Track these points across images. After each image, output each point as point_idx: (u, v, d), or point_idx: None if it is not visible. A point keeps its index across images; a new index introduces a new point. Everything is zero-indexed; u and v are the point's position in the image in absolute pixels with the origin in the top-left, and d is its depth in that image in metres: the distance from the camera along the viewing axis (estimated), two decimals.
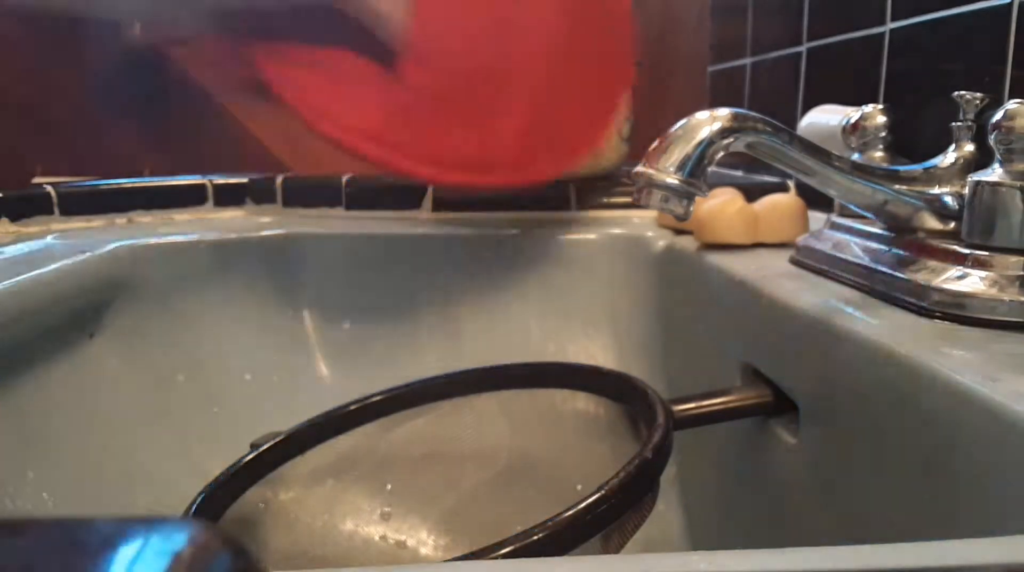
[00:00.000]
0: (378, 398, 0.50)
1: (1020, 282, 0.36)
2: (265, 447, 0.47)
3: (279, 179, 0.76)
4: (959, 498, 0.29)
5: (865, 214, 0.45)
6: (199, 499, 0.42)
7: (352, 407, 0.50)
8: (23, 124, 1.17)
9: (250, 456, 0.46)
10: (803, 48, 0.71)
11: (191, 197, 0.74)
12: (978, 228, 0.38)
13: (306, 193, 0.76)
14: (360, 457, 0.49)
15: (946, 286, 0.37)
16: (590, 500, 0.31)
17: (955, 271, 0.38)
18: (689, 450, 0.59)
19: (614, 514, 0.32)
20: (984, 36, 0.47)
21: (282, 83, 0.56)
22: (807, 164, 0.39)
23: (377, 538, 0.48)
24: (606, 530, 0.32)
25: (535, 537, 0.29)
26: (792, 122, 0.68)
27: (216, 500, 0.43)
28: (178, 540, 0.11)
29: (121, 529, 0.11)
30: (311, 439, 0.48)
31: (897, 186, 0.42)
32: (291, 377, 0.66)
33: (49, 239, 0.62)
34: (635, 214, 0.72)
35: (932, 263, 0.40)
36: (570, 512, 0.31)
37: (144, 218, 0.71)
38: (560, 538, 0.30)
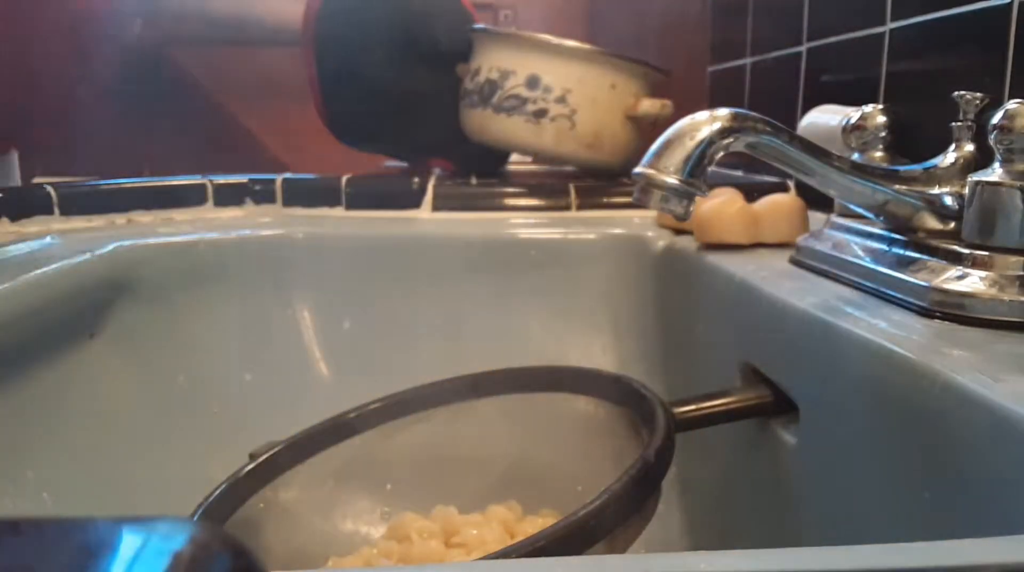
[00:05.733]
0: (377, 405, 0.50)
1: (1020, 282, 0.36)
2: (263, 458, 0.47)
3: (279, 179, 0.76)
4: (959, 498, 0.29)
5: (865, 214, 0.45)
6: (200, 510, 0.42)
7: (351, 415, 0.50)
8: (22, 122, 1.16)
9: (250, 467, 0.46)
10: (803, 48, 0.71)
11: (191, 197, 0.74)
12: (978, 228, 0.38)
13: (306, 193, 0.76)
14: (361, 458, 0.49)
15: (946, 286, 0.37)
16: (594, 505, 0.31)
17: (955, 271, 0.38)
18: (689, 451, 0.59)
19: (618, 519, 0.32)
20: (984, 36, 0.47)
21: None
22: (807, 164, 0.39)
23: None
24: (610, 535, 0.32)
25: (539, 544, 0.29)
26: (792, 122, 0.68)
27: (217, 509, 0.43)
28: (178, 540, 0.11)
29: (121, 529, 0.11)
30: (310, 449, 0.48)
31: (897, 186, 0.42)
32: (291, 377, 0.66)
33: (49, 239, 0.62)
34: (635, 214, 0.72)
35: (932, 263, 0.40)
36: (575, 518, 0.31)
37: (144, 218, 0.71)
38: (564, 544, 0.30)
